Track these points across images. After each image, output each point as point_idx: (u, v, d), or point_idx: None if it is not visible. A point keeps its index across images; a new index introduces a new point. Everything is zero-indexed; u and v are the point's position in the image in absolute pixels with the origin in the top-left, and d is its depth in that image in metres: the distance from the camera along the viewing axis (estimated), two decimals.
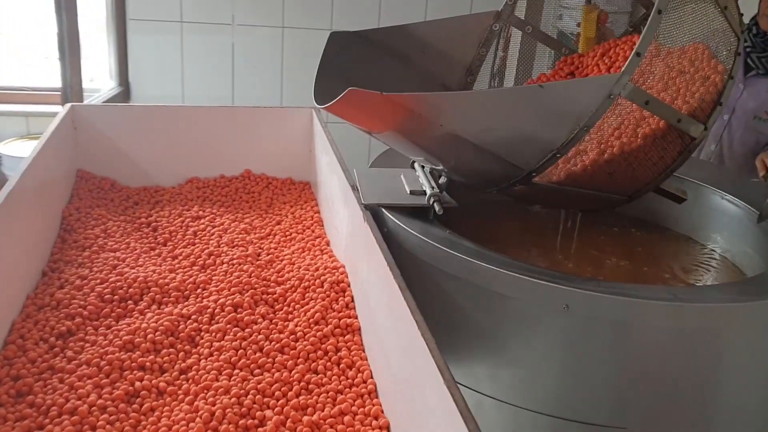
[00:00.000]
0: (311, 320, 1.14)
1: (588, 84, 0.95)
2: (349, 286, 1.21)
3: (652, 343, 0.94)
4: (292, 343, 1.08)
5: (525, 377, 0.98)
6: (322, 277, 1.23)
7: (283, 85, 2.12)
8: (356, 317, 1.15)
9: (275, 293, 1.22)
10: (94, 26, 2.22)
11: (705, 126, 1.01)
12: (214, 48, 2.05)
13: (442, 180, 1.12)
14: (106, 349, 1.03)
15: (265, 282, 1.25)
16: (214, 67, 2.06)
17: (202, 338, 1.10)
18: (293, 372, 1.03)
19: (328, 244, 1.43)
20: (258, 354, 1.06)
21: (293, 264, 1.33)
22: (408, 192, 1.16)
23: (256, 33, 2.06)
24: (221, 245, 1.37)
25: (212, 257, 1.33)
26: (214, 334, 1.10)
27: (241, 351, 1.06)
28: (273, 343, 1.08)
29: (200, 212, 1.52)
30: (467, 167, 1.09)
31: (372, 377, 1.03)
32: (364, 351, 1.09)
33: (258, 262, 1.32)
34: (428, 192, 1.12)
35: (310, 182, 1.74)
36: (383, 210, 1.14)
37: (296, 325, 1.13)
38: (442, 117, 0.94)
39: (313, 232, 1.49)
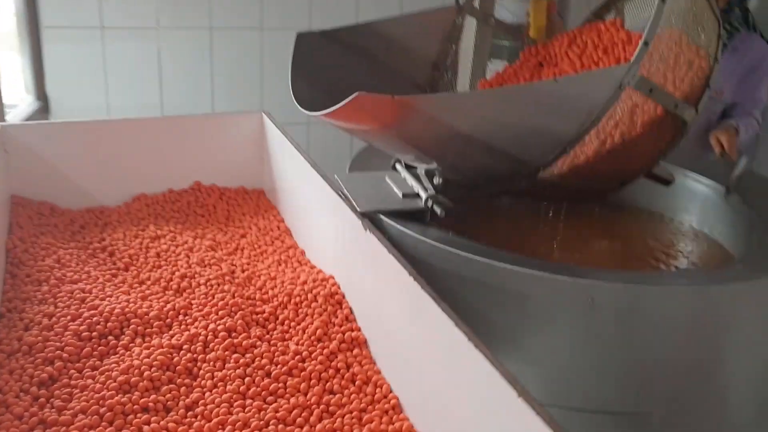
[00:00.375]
0: (313, 337, 1.08)
1: (599, 76, 0.95)
2: (344, 297, 1.16)
3: (673, 328, 0.95)
4: (300, 364, 1.02)
5: (550, 374, 0.97)
6: (314, 291, 1.17)
7: (214, 90, 2.01)
8: (359, 330, 1.10)
9: (264, 312, 1.15)
10: None
11: (696, 110, 1.02)
12: (139, 54, 1.92)
13: (437, 180, 1.09)
14: (102, 393, 0.94)
15: (250, 301, 1.17)
16: (139, 75, 1.93)
17: (200, 369, 1.02)
18: (309, 395, 0.97)
19: (303, 254, 1.37)
20: (267, 380, 0.99)
21: (274, 279, 1.26)
22: (400, 196, 1.12)
23: (183, 36, 1.94)
24: (192, 265, 1.28)
25: (186, 279, 1.24)
26: (212, 363, 1.02)
27: (248, 379, 0.99)
28: (279, 366, 1.02)
29: (158, 231, 1.41)
30: (471, 166, 1.07)
31: (391, 391, 0.98)
32: (375, 365, 1.04)
33: (236, 281, 1.24)
34: (423, 195, 1.09)
35: (264, 189, 1.67)
36: (381, 216, 1.09)
37: (298, 345, 1.07)
38: (453, 117, 0.91)
39: (283, 242, 1.42)
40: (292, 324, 1.12)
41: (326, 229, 1.25)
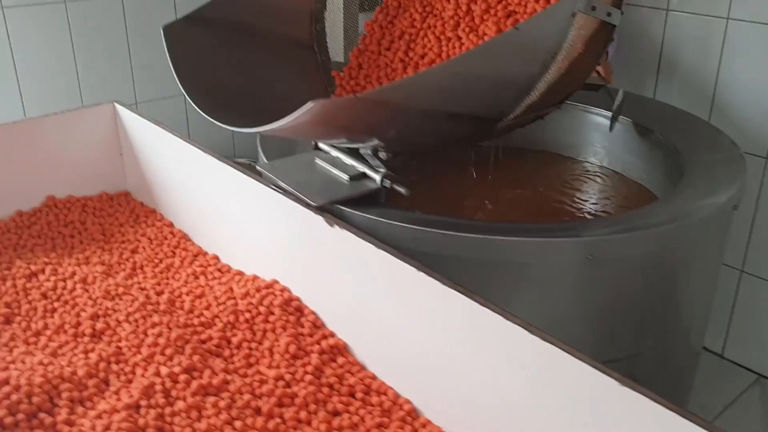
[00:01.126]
0: (287, 356, 0.95)
1: (554, 10, 0.90)
2: (301, 302, 1.04)
3: (655, 267, 0.97)
4: (287, 390, 0.90)
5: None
6: (265, 302, 1.03)
7: (20, 84, 1.67)
8: (332, 335, 0.99)
9: (213, 339, 0.99)
10: None
11: (621, 11, 1.01)
12: None
13: (384, 155, 0.99)
14: None
15: (191, 329, 1.01)
16: None
17: (173, 425, 0.85)
18: (315, 424, 0.86)
19: (218, 260, 1.20)
20: (260, 418, 0.86)
21: (203, 297, 1.09)
22: (347, 179, 1.00)
23: None
24: (97, 300, 1.07)
25: (100, 319, 1.03)
26: (186, 415, 0.86)
27: (238, 422, 0.85)
28: (265, 398, 0.88)
29: (30, 266, 1.16)
30: (430, 137, 0.98)
31: (399, 396, 0.90)
32: (367, 370, 0.95)
33: (161, 309, 1.06)
34: (376, 175, 0.98)
35: (129, 191, 1.44)
36: (339, 207, 0.97)
37: (273, 368, 0.94)
38: (420, 98, 0.82)
39: (186, 250, 1.24)
40: (253, 345, 0.98)
41: (253, 228, 1.10)
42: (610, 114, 1.34)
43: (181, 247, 1.25)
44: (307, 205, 0.96)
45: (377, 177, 0.99)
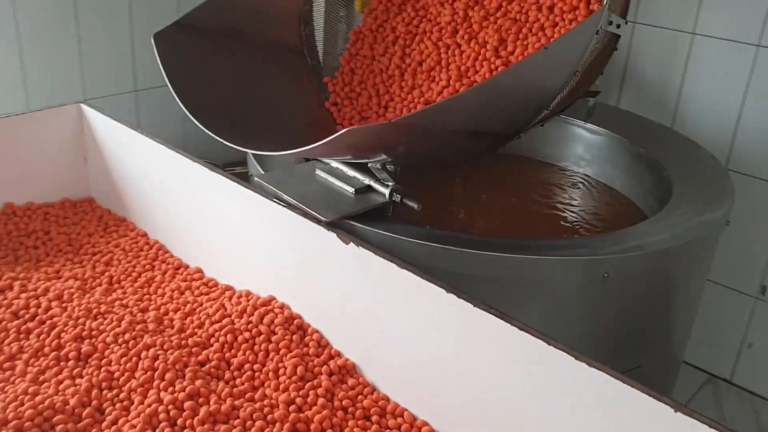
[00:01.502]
0: (294, 377, 0.91)
1: (583, 28, 0.89)
2: (303, 320, 1.00)
3: (656, 283, 0.98)
4: (300, 415, 0.86)
5: None
6: (265, 320, 0.98)
7: None
8: (339, 355, 0.96)
9: (211, 360, 0.94)
10: None
11: (626, 21, 1.02)
12: None
13: (391, 168, 0.96)
14: None
15: (187, 350, 0.95)
16: None
17: None
18: None
19: (202, 273, 1.14)
20: None
21: (194, 314, 1.03)
22: (352, 192, 0.97)
23: None
24: (79, 320, 0.99)
25: (86, 342, 0.96)
26: None
27: None
28: (279, 424, 0.84)
29: None
30: (446, 152, 0.95)
31: (415, 418, 0.87)
32: (378, 390, 0.92)
33: (150, 328, 0.99)
34: (383, 188, 0.95)
35: (93, 197, 1.35)
36: (349, 222, 0.93)
37: (281, 390, 0.89)
38: (451, 120, 0.79)
39: (166, 263, 1.17)
40: (256, 367, 0.94)
41: (244, 241, 1.05)
42: (590, 123, 1.35)
43: (159, 259, 1.18)
44: (316, 220, 0.92)
45: (386, 191, 0.96)
